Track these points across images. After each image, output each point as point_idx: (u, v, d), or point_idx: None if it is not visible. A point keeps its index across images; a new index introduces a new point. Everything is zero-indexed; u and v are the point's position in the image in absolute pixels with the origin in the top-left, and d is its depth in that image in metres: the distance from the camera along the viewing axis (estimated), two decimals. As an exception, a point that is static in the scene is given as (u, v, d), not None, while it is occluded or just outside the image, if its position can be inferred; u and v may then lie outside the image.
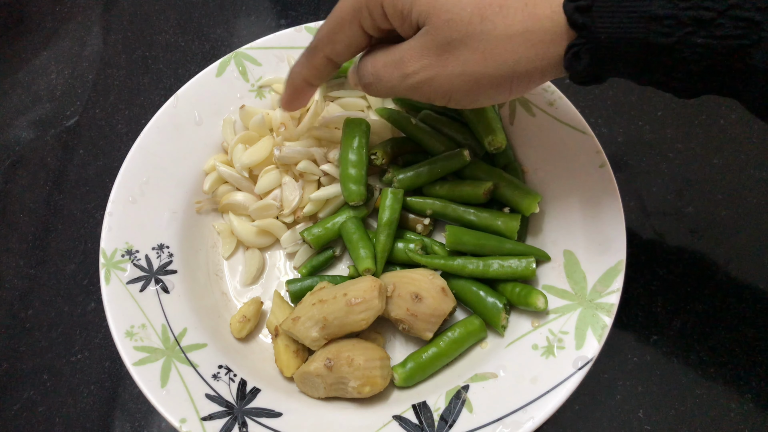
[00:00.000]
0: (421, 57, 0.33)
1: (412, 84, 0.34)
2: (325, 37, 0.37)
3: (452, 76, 0.33)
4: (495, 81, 0.32)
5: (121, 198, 0.44)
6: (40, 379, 0.45)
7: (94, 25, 0.64)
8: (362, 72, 0.37)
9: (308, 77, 0.39)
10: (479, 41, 0.31)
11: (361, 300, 0.38)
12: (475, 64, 0.32)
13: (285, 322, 0.40)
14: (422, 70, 0.33)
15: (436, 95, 0.34)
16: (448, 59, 0.32)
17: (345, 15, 0.35)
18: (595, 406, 0.42)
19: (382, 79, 0.35)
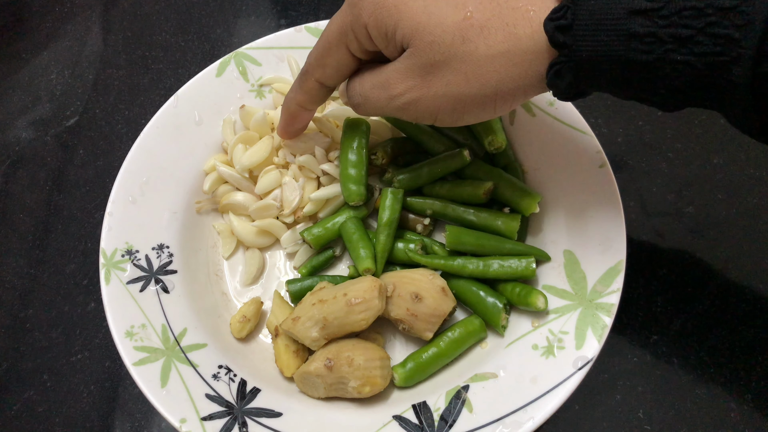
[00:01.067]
0: (406, 79, 0.34)
1: (398, 105, 0.35)
2: (314, 62, 0.38)
3: (436, 97, 0.33)
4: (479, 100, 0.33)
5: (121, 198, 0.44)
6: (40, 379, 0.45)
7: (94, 25, 0.64)
8: (351, 93, 0.37)
9: (302, 102, 0.40)
10: (462, 62, 0.32)
11: (361, 300, 0.38)
12: (458, 85, 0.32)
13: (285, 322, 0.40)
14: (407, 92, 0.34)
15: (422, 116, 0.35)
16: (432, 81, 0.33)
17: (332, 39, 0.36)
18: (595, 406, 0.42)
19: (370, 100, 0.36)
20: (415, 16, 0.32)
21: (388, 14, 0.33)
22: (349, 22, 0.35)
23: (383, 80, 0.35)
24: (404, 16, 0.32)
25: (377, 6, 0.33)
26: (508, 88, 0.32)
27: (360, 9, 0.34)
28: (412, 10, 0.32)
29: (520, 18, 0.31)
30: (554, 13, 0.30)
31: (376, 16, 0.33)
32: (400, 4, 0.33)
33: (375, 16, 0.33)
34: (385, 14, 0.33)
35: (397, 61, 0.34)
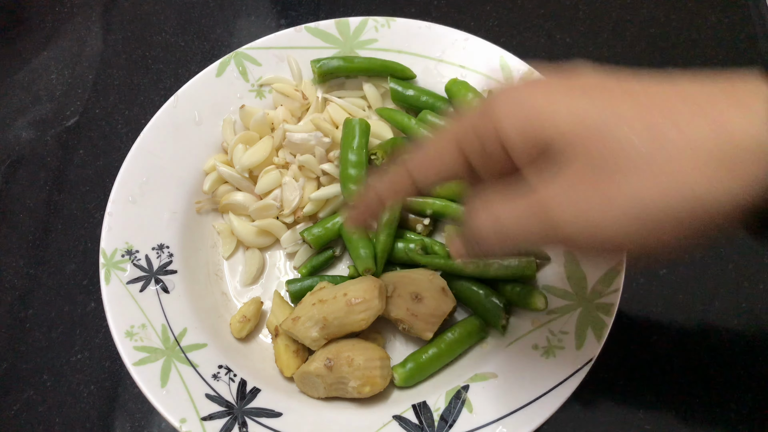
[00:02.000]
0: (574, 197, 0.25)
1: (563, 235, 0.25)
2: (414, 156, 0.30)
3: (620, 215, 0.24)
4: (678, 216, 0.23)
5: (121, 198, 0.44)
6: (40, 379, 0.45)
7: (94, 25, 0.64)
8: (478, 230, 0.28)
9: (384, 194, 0.32)
10: (652, 162, 0.23)
11: (361, 300, 0.38)
12: (649, 191, 0.23)
13: (285, 322, 0.40)
14: (577, 215, 0.24)
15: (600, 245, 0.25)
16: (612, 192, 0.24)
17: (444, 136, 0.29)
18: (595, 406, 0.42)
19: (512, 234, 0.27)
20: (577, 111, 0.25)
21: (534, 111, 0.26)
22: (474, 121, 0.28)
23: (532, 204, 0.26)
24: (560, 110, 0.25)
25: (518, 102, 0.26)
26: (717, 197, 0.23)
27: (493, 106, 0.27)
28: (569, 105, 0.25)
29: (730, 105, 0.23)
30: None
31: (515, 112, 0.26)
32: (552, 98, 0.26)
33: (514, 113, 0.26)
34: (529, 110, 0.26)
35: (551, 175, 0.25)
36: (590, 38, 0.59)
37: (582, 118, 0.25)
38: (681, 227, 0.24)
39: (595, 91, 0.25)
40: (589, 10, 0.61)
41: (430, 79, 0.50)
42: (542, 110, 0.25)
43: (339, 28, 0.50)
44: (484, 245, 0.28)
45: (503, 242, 0.27)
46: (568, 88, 0.26)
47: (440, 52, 0.50)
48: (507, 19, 0.60)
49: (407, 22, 0.50)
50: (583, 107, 0.25)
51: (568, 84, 0.26)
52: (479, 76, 0.49)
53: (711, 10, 0.60)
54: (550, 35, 0.59)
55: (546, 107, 0.25)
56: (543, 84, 0.27)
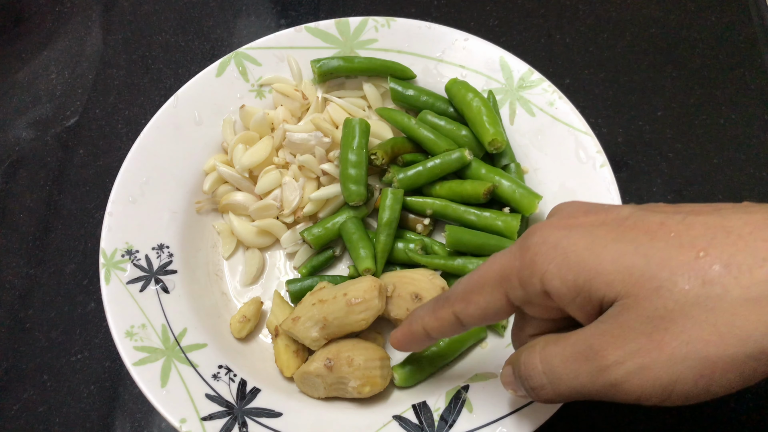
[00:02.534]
0: (624, 342, 0.24)
1: (613, 380, 0.25)
2: (460, 293, 0.31)
3: (674, 362, 0.24)
4: (736, 363, 0.23)
5: (121, 198, 0.44)
6: (40, 379, 0.45)
7: (94, 25, 0.64)
8: (529, 372, 0.28)
9: (430, 328, 0.33)
10: (707, 311, 0.23)
11: (361, 300, 0.38)
12: (705, 342, 0.23)
13: (285, 322, 0.40)
14: (628, 359, 0.24)
15: (649, 390, 0.24)
16: (665, 339, 0.24)
17: (489, 277, 0.29)
18: (596, 406, 0.42)
19: (563, 378, 0.27)
20: (624, 258, 0.25)
21: (579, 261, 0.25)
22: (516, 268, 0.28)
23: (584, 348, 0.26)
24: (605, 260, 0.25)
25: (561, 251, 0.26)
26: None
27: (534, 254, 0.27)
28: (617, 251, 0.25)
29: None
30: None
31: (559, 263, 0.26)
32: (597, 246, 0.25)
33: (558, 264, 0.26)
34: (574, 261, 0.26)
35: (604, 321, 0.25)
36: (590, 38, 0.59)
37: (629, 268, 0.24)
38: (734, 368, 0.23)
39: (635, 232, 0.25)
40: (589, 10, 0.61)
41: (430, 79, 0.50)
42: (587, 262, 0.25)
43: (339, 28, 0.50)
44: (531, 385, 0.28)
45: (554, 383, 0.27)
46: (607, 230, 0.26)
47: (440, 52, 0.50)
48: (507, 19, 0.60)
49: (407, 22, 0.50)
50: (628, 256, 0.25)
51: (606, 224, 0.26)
52: (479, 76, 0.49)
53: (711, 10, 0.60)
54: (550, 35, 0.59)
55: (590, 258, 0.25)
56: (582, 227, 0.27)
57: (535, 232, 0.28)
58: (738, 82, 0.55)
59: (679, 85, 0.56)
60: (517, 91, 0.47)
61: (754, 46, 0.57)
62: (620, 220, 0.26)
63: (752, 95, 0.55)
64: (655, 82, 0.56)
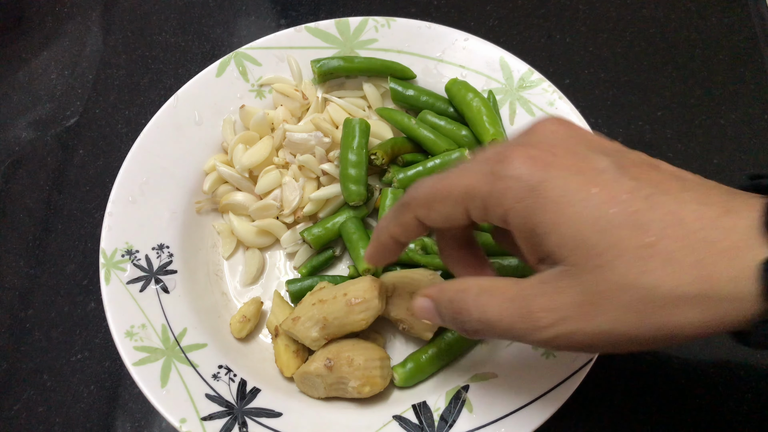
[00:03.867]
0: (558, 308, 0.26)
1: (544, 338, 0.27)
2: (421, 199, 0.31)
3: (597, 333, 0.26)
4: (646, 342, 0.26)
5: (121, 198, 0.44)
6: (40, 379, 0.45)
7: (94, 25, 0.64)
8: (463, 317, 0.30)
9: (395, 234, 0.34)
10: (638, 300, 0.25)
11: (361, 300, 0.37)
12: (627, 324, 0.25)
13: (285, 322, 0.40)
14: (559, 324, 0.26)
15: (574, 347, 0.28)
16: (595, 315, 0.26)
17: (454, 191, 0.29)
18: (595, 406, 0.42)
19: (497, 327, 0.28)
20: (582, 226, 0.25)
21: (543, 211, 0.26)
22: (484, 192, 0.28)
23: (522, 307, 0.27)
24: (566, 220, 0.26)
25: (532, 194, 0.27)
26: (689, 334, 0.25)
27: (506, 186, 0.27)
28: (579, 216, 0.26)
29: (719, 257, 0.24)
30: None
31: (526, 206, 0.27)
32: (564, 203, 0.26)
33: (525, 206, 0.27)
34: (539, 210, 0.26)
35: (544, 281, 0.27)
36: (590, 38, 0.59)
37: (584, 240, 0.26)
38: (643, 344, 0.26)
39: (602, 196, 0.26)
40: (589, 10, 0.61)
41: (430, 79, 0.50)
42: (550, 217, 0.26)
43: (339, 28, 0.50)
44: (465, 328, 0.30)
45: (488, 330, 0.29)
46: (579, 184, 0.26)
47: (440, 52, 0.50)
48: (507, 19, 0.60)
49: (407, 22, 0.50)
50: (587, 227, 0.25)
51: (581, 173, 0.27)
52: (479, 76, 0.49)
53: (711, 10, 0.60)
54: (550, 35, 0.59)
55: (554, 214, 0.26)
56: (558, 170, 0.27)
57: (512, 159, 0.27)
58: (738, 82, 0.55)
59: (679, 85, 0.56)
60: (517, 91, 0.47)
61: (754, 46, 0.57)
62: (596, 172, 0.27)
63: (752, 95, 0.55)
64: (655, 82, 0.56)
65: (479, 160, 0.29)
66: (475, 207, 0.29)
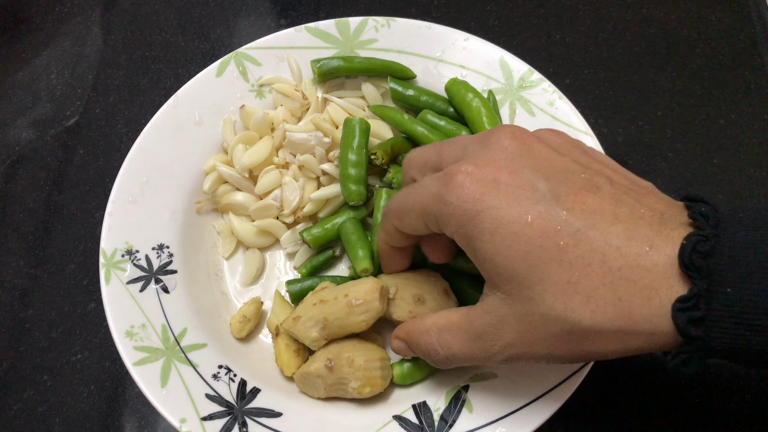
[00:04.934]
0: (502, 334, 0.30)
1: (497, 361, 0.32)
2: (394, 210, 0.35)
3: (537, 356, 0.30)
4: (578, 361, 0.31)
5: (121, 198, 0.44)
6: (40, 379, 0.45)
7: (94, 25, 0.64)
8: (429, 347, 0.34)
9: (386, 241, 0.38)
10: (564, 332, 0.28)
11: (362, 301, 0.37)
12: (560, 350, 0.29)
13: (286, 321, 0.40)
14: (506, 350, 0.31)
15: (517, 365, 0.35)
16: (532, 341, 0.29)
17: (414, 208, 0.33)
18: (596, 406, 0.42)
19: (457, 355, 0.33)
20: (513, 260, 0.28)
21: (481, 240, 0.29)
22: (434, 212, 0.31)
23: (473, 333, 0.32)
24: (500, 252, 0.29)
25: (470, 223, 0.29)
26: (614, 355, 0.28)
27: (449, 212, 0.30)
28: (510, 249, 0.28)
29: (637, 295, 0.26)
30: (683, 302, 0.25)
31: (466, 233, 0.30)
32: (498, 235, 0.29)
33: (465, 233, 0.30)
34: (477, 239, 0.29)
35: (487, 311, 0.31)
36: (590, 38, 0.59)
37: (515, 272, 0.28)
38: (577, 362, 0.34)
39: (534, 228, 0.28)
40: (589, 10, 0.61)
41: (430, 79, 0.50)
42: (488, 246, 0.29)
43: (339, 28, 0.50)
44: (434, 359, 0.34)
45: (450, 358, 0.33)
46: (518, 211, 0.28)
47: (440, 52, 0.50)
48: (507, 19, 0.60)
49: (407, 22, 0.50)
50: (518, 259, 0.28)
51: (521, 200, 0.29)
52: (479, 76, 0.49)
53: (711, 10, 0.60)
54: (550, 35, 0.59)
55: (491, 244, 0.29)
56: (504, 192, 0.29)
57: (456, 185, 0.30)
58: (738, 82, 0.55)
59: (679, 85, 0.56)
60: (517, 91, 0.47)
61: (754, 46, 0.57)
62: (531, 202, 0.28)
63: (752, 95, 0.55)
64: (655, 82, 0.56)
65: (434, 178, 0.32)
66: (431, 223, 0.32)
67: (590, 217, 0.28)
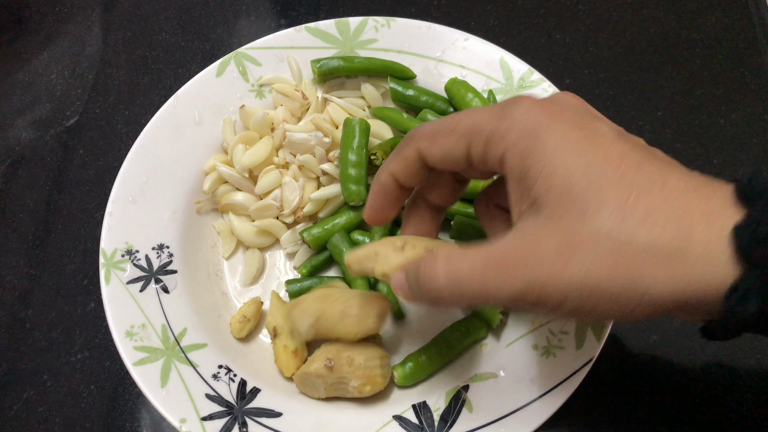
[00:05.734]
0: (535, 251, 0.26)
1: (513, 290, 0.26)
2: (427, 133, 0.31)
3: (569, 283, 0.25)
4: (618, 300, 0.25)
5: (121, 198, 0.44)
6: (40, 379, 0.45)
7: (94, 25, 0.64)
8: (426, 271, 0.29)
9: (395, 171, 0.33)
10: (613, 249, 0.25)
11: (356, 314, 0.37)
12: (599, 273, 0.25)
13: (290, 303, 0.40)
14: (533, 268, 0.26)
15: (541, 304, 0.27)
16: (569, 259, 0.25)
17: (461, 126, 0.30)
18: (595, 406, 0.42)
19: (463, 281, 0.28)
20: (572, 176, 0.26)
21: (540, 155, 0.27)
22: (490, 128, 0.29)
23: (496, 257, 0.27)
24: (558, 167, 0.26)
25: (532, 137, 0.27)
26: (660, 294, 0.25)
27: (509, 125, 0.28)
28: (570, 165, 0.26)
29: (698, 216, 0.24)
30: (745, 226, 0.24)
31: (525, 146, 0.27)
32: (559, 151, 0.27)
33: (523, 147, 0.27)
34: (536, 153, 0.27)
35: (522, 230, 0.27)
36: (590, 38, 0.59)
37: (570, 187, 0.26)
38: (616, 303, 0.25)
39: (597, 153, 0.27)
40: (589, 10, 0.61)
41: (430, 79, 0.50)
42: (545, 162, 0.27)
43: (339, 28, 0.50)
44: (435, 296, 0.29)
45: (458, 289, 0.28)
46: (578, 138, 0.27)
47: (440, 52, 0.50)
48: (507, 19, 0.60)
49: (407, 22, 0.50)
50: (576, 176, 0.26)
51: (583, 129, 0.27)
52: (479, 76, 0.49)
53: (711, 10, 0.60)
54: (550, 35, 0.59)
55: (549, 160, 0.27)
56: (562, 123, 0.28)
57: (522, 104, 0.28)
58: (738, 82, 0.55)
59: (679, 85, 0.56)
60: (518, 91, 0.47)
61: (754, 46, 0.57)
62: (596, 134, 0.27)
63: (752, 95, 0.55)
64: (655, 82, 0.56)
65: (491, 106, 0.30)
66: (478, 143, 0.29)
67: (651, 153, 0.27)
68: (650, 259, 0.24)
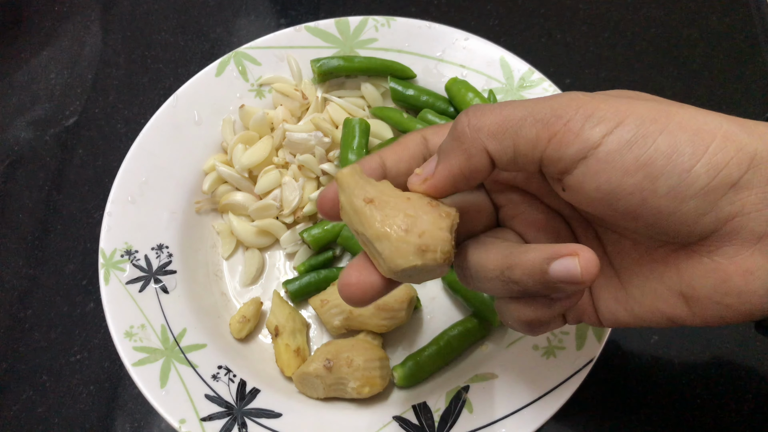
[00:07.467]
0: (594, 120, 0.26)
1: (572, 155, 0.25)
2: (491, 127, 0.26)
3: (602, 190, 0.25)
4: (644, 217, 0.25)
5: (121, 198, 0.44)
6: (40, 379, 0.45)
7: (94, 24, 0.64)
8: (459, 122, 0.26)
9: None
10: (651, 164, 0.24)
11: (389, 308, 0.39)
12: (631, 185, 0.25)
13: (314, 299, 0.41)
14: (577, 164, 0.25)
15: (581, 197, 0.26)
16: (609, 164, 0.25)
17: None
18: (596, 406, 0.42)
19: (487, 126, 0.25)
20: None
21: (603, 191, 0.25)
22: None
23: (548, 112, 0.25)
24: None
25: None
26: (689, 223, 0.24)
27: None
28: None
29: None
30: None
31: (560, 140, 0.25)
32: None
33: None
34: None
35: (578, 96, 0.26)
36: (590, 38, 0.59)
37: None
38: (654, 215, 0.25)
39: None
40: (589, 10, 0.60)
41: (431, 79, 0.50)
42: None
43: (339, 28, 0.50)
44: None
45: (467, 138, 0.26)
46: None
47: (440, 51, 0.50)
48: (507, 19, 0.60)
49: (407, 21, 0.50)
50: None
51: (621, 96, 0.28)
52: (480, 75, 0.49)
53: (711, 10, 0.60)
54: (550, 35, 0.59)
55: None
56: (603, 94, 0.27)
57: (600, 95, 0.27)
58: (738, 82, 0.55)
59: (679, 85, 0.56)
60: (518, 91, 0.47)
61: (755, 46, 0.57)
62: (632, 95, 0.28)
63: (752, 95, 0.55)
64: (655, 82, 0.56)
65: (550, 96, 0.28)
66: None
67: None
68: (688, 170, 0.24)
